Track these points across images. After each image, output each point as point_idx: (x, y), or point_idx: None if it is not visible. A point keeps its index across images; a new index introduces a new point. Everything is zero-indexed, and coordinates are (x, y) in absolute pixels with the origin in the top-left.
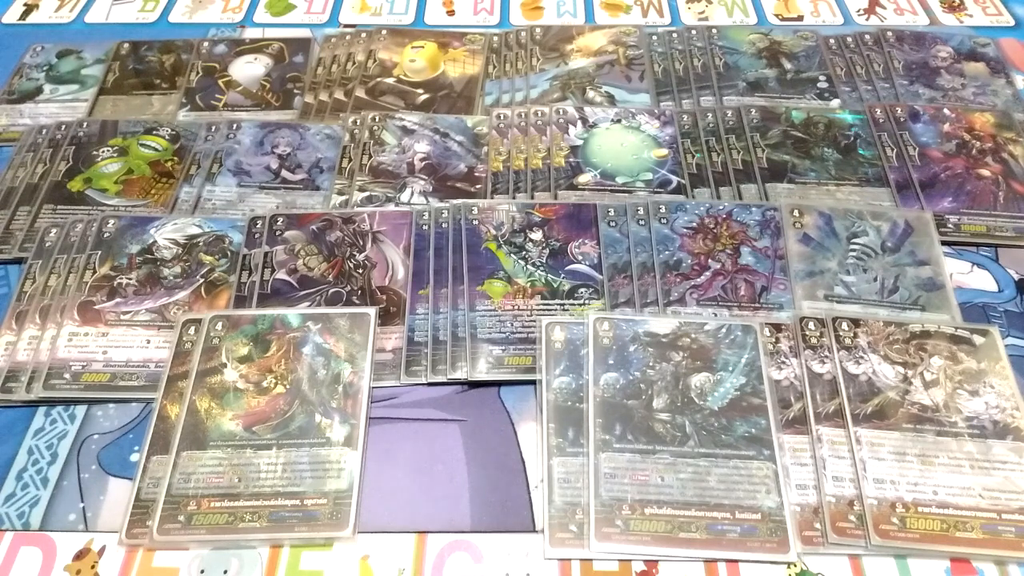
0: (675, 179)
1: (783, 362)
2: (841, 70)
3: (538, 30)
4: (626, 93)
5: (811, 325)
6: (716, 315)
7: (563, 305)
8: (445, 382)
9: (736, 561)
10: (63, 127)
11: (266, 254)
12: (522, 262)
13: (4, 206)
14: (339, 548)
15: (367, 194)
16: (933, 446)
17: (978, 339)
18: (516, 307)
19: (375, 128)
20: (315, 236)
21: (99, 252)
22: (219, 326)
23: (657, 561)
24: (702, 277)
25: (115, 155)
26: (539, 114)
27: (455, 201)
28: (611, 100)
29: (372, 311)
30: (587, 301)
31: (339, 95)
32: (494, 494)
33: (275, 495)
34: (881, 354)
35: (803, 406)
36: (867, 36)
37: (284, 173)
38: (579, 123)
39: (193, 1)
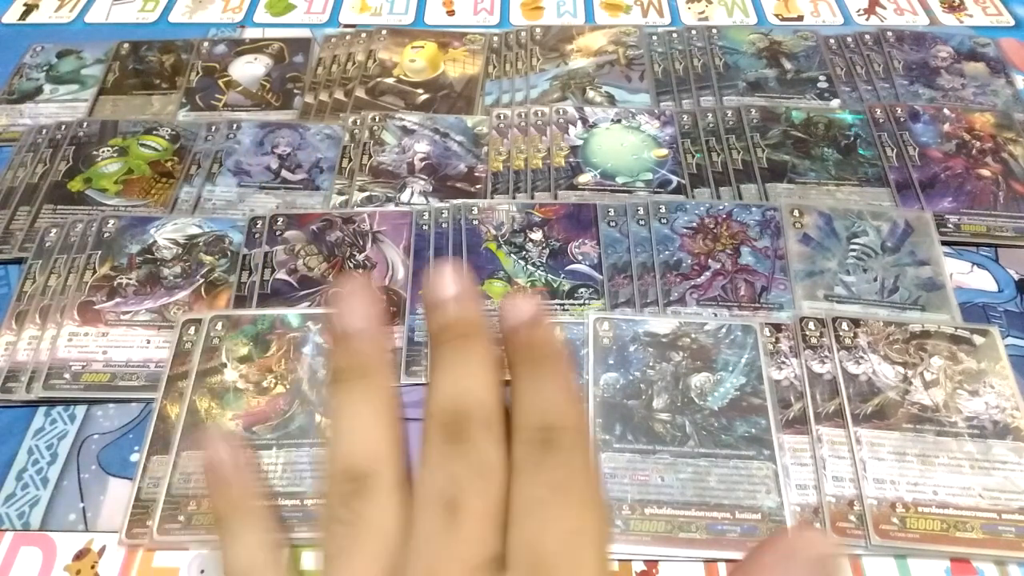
0: (675, 179)
1: (783, 362)
2: (841, 70)
3: (538, 30)
4: (626, 93)
5: (811, 325)
6: (716, 315)
7: (563, 305)
8: None
9: (736, 561)
10: (63, 127)
11: (266, 254)
12: (522, 262)
13: (4, 206)
14: None
15: (367, 194)
16: (933, 446)
17: (978, 339)
18: None
19: (375, 128)
20: (315, 236)
21: (99, 252)
22: (219, 326)
23: (657, 561)
24: (702, 277)
25: (115, 155)
26: (539, 114)
27: (455, 201)
28: (611, 100)
29: None
30: (587, 301)
31: (339, 95)
32: None
33: (275, 495)
34: (881, 354)
35: (803, 406)
36: (867, 36)
37: (284, 173)
38: (579, 123)
39: (193, 1)
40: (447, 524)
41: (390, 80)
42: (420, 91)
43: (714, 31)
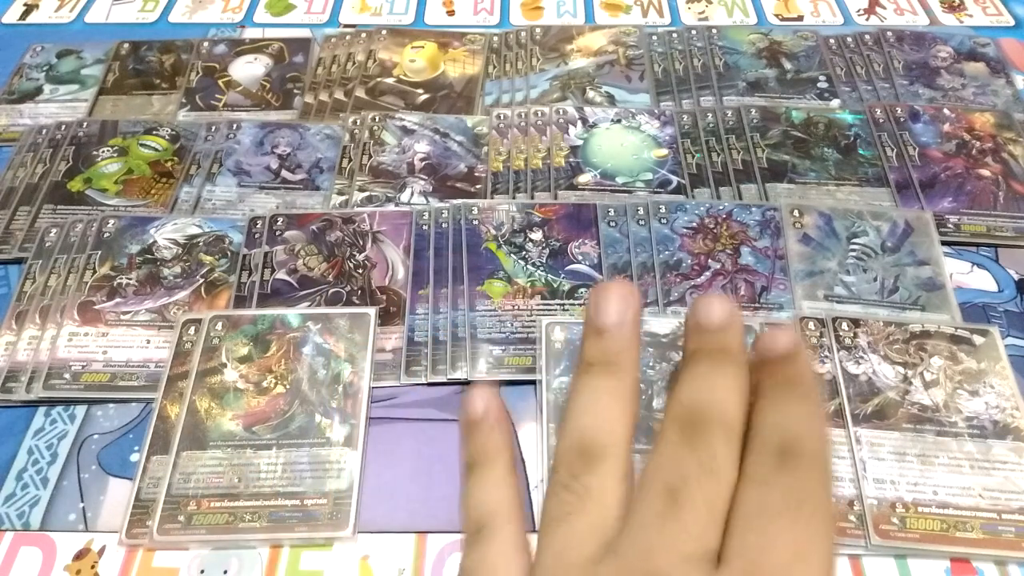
0: (675, 179)
1: None
2: (841, 70)
3: (538, 30)
4: (626, 93)
5: (811, 325)
6: None
7: (563, 305)
8: (445, 382)
9: None
10: (63, 127)
11: (266, 254)
12: (522, 262)
13: (4, 206)
14: (339, 548)
15: (367, 194)
16: (933, 446)
17: (978, 339)
18: (516, 307)
19: (375, 128)
20: (315, 236)
21: (99, 252)
22: (219, 326)
23: None
24: (702, 277)
25: (115, 155)
26: (539, 114)
27: (455, 201)
28: (611, 100)
29: (372, 311)
30: (587, 301)
31: (339, 95)
32: None
33: (275, 495)
34: (881, 354)
35: None
36: (867, 36)
37: (284, 173)
38: (579, 123)
39: (193, 1)
40: (667, 511)
41: (390, 80)
42: (420, 91)
43: (714, 31)
